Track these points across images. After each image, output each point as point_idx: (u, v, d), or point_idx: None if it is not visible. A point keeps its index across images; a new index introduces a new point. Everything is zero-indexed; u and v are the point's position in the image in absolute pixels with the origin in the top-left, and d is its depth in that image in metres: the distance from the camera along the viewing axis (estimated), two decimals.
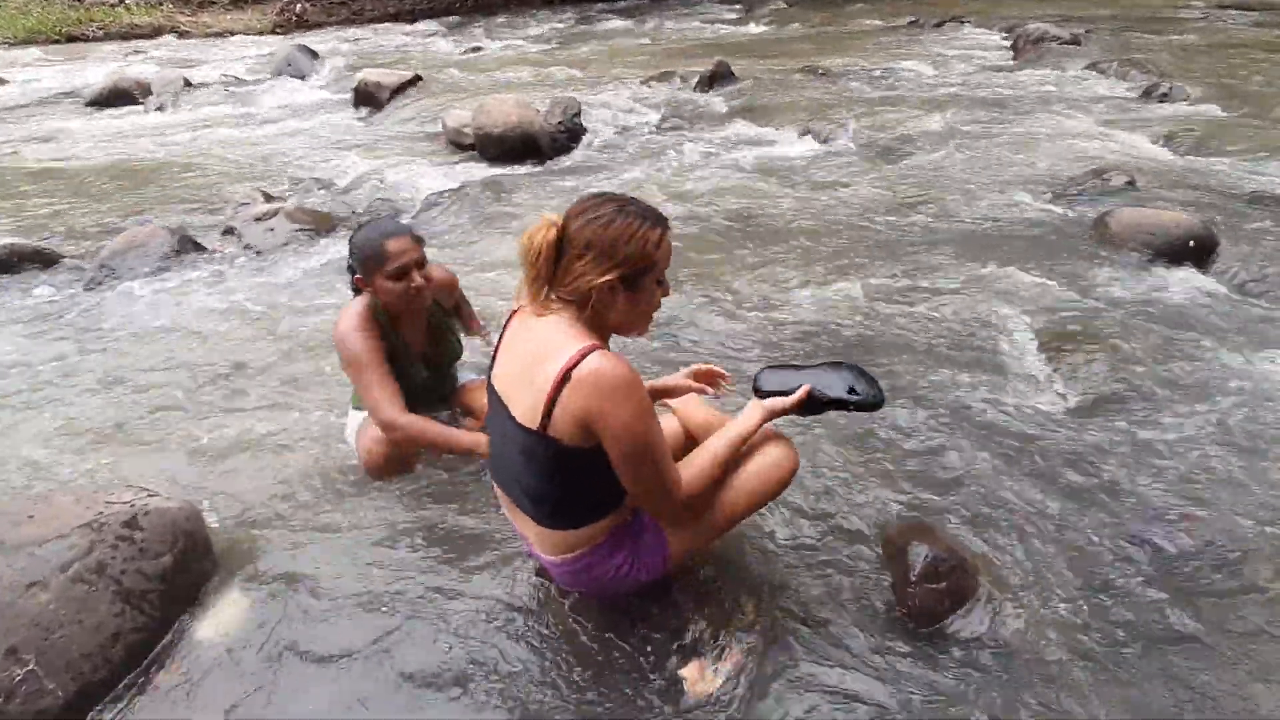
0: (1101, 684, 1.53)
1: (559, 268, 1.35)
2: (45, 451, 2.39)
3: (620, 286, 1.35)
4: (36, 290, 3.50)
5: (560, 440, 1.34)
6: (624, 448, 1.33)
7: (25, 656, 1.41)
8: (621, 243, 1.32)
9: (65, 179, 5.19)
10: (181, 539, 1.76)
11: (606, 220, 1.33)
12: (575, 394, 1.29)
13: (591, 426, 1.31)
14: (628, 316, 1.40)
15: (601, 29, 11.81)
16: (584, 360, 1.29)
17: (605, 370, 1.29)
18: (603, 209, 1.34)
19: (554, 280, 1.36)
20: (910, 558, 1.72)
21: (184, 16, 13.26)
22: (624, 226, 1.33)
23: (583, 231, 1.33)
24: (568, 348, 1.32)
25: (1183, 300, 3.05)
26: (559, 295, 1.37)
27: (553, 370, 1.31)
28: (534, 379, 1.34)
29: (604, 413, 1.29)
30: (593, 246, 1.32)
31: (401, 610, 1.72)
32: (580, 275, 1.33)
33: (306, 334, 3.01)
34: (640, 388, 1.33)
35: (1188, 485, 2.05)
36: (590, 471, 1.39)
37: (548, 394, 1.31)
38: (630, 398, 1.30)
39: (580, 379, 1.29)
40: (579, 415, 1.30)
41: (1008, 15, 10.01)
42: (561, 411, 1.31)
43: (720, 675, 1.54)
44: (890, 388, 2.50)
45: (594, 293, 1.33)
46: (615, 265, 1.33)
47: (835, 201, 4.22)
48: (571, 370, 1.29)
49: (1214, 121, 5.24)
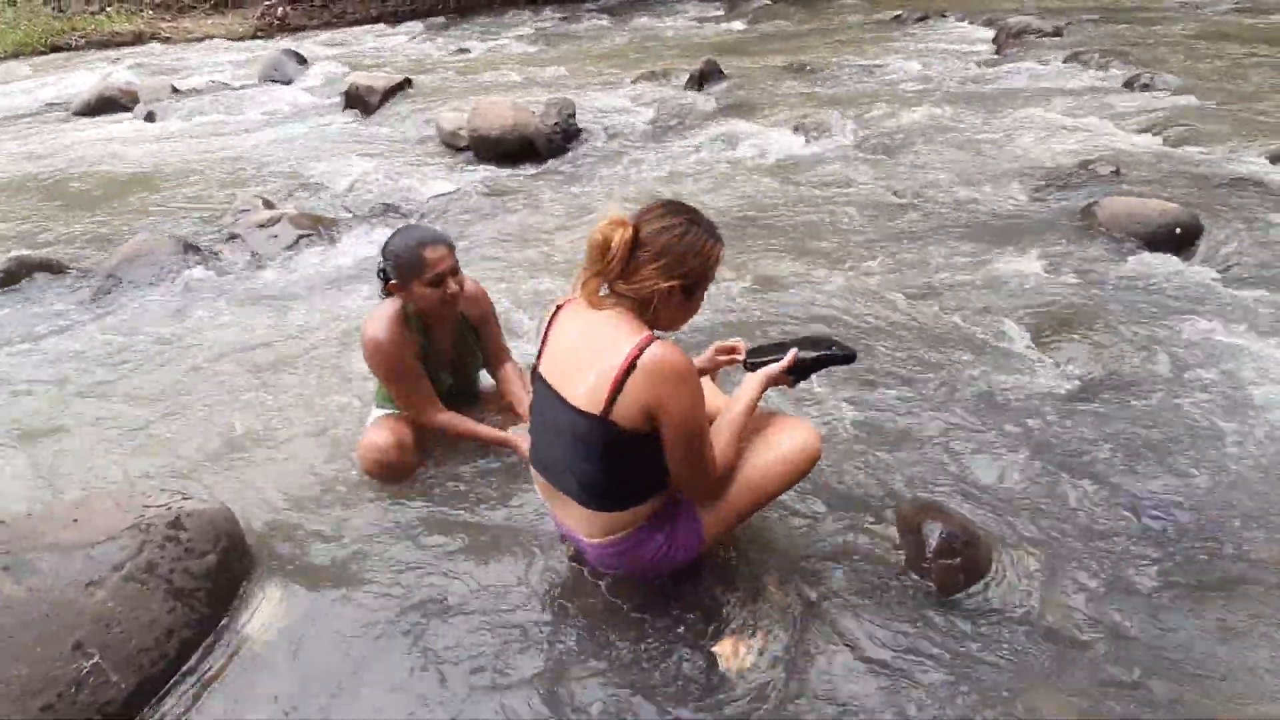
0: (1112, 653, 1.62)
1: (628, 266, 1.43)
2: (68, 457, 2.43)
3: (679, 292, 1.46)
4: (46, 301, 3.52)
5: (620, 424, 1.42)
6: (681, 431, 1.43)
7: (90, 650, 1.47)
8: (690, 255, 1.44)
9: (61, 190, 5.18)
10: (224, 538, 1.82)
11: (681, 232, 1.44)
12: (641, 381, 1.39)
13: (653, 412, 1.41)
14: (675, 317, 1.52)
15: (586, 28, 11.84)
16: (648, 349, 1.39)
17: (670, 359, 1.39)
18: (677, 219, 1.45)
19: (620, 277, 1.45)
20: (924, 534, 1.81)
21: (165, 23, 13.15)
22: (695, 239, 1.45)
23: (658, 238, 1.43)
24: (629, 338, 1.42)
25: (1170, 286, 3.16)
26: (619, 291, 1.46)
27: (617, 358, 1.40)
28: (595, 366, 1.43)
29: (666, 399, 1.39)
30: (666, 254, 1.43)
31: (438, 598, 1.79)
32: (648, 278, 1.43)
33: (321, 335, 3.06)
34: (696, 375, 1.44)
35: (1187, 464, 2.15)
36: (642, 455, 1.48)
37: (613, 380, 1.40)
38: (690, 385, 1.41)
39: (646, 367, 1.38)
40: (644, 401, 1.40)
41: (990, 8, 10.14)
42: (626, 397, 1.40)
43: (753, 651, 1.62)
44: (890, 375, 2.60)
45: (656, 295, 1.43)
46: (681, 274, 1.44)
47: (827, 196, 4.31)
48: (637, 359, 1.38)
49: (1195, 110, 5.38)
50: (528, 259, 3.71)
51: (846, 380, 2.59)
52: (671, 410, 1.41)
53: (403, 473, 2.17)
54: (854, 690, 1.56)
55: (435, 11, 14.10)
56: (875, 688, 1.56)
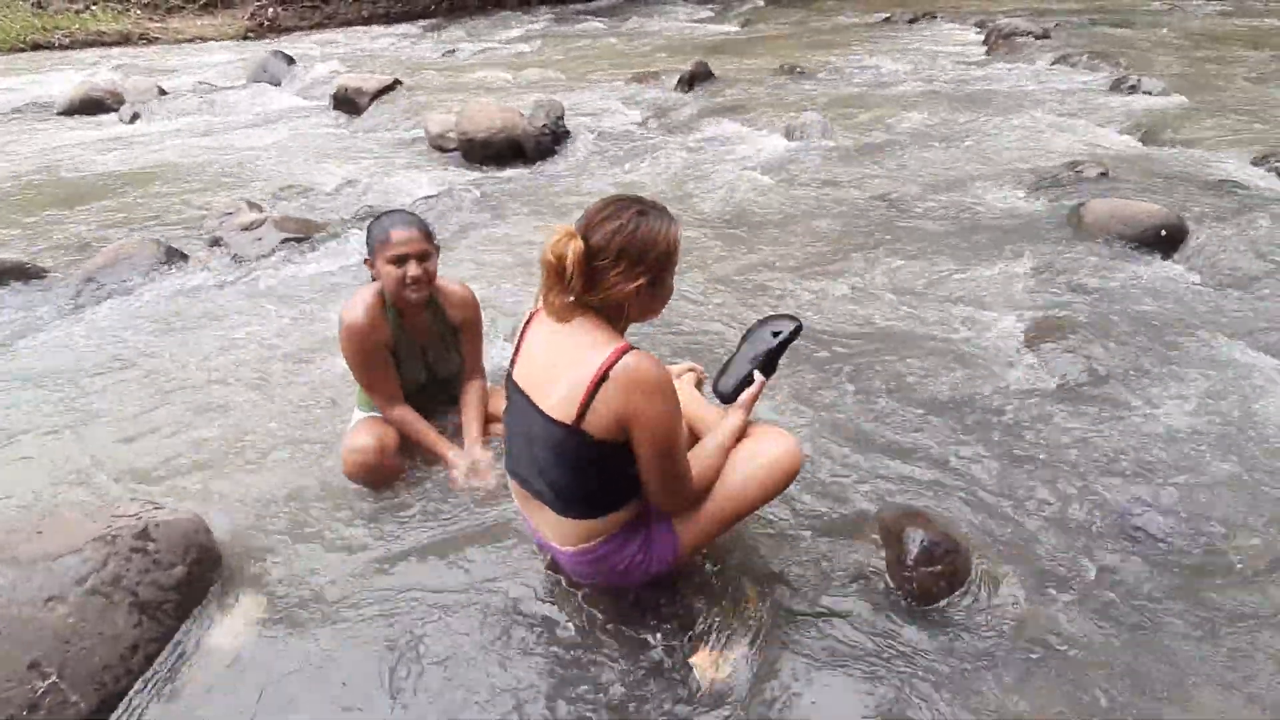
0: (1094, 661, 1.60)
1: (588, 278, 1.39)
2: (41, 467, 2.38)
3: (646, 287, 1.42)
4: (23, 305, 3.46)
5: (592, 434, 1.40)
6: (655, 442, 1.40)
7: (48, 670, 1.43)
8: (649, 247, 1.38)
9: (40, 191, 5.12)
10: (193, 549, 1.78)
11: (633, 228, 1.38)
12: (613, 392, 1.36)
13: (626, 422, 1.39)
14: (648, 308, 1.49)
15: (577, 30, 11.83)
16: (621, 360, 1.37)
17: (642, 369, 1.36)
18: (625, 215, 1.39)
19: (585, 290, 1.40)
20: (906, 542, 1.79)
21: (152, 23, 13.05)
22: (649, 231, 1.39)
23: (612, 241, 1.37)
24: (601, 348, 1.39)
25: (1156, 288, 3.15)
26: (586, 302, 1.42)
27: (589, 369, 1.38)
28: (567, 375, 1.41)
29: (639, 409, 1.37)
30: (624, 255, 1.37)
31: (412, 608, 1.76)
32: (614, 285, 1.38)
33: (302, 340, 3.02)
34: (672, 386, 1.42)
35: (1168, 467, 2.14)
36: (615, 464, 1.46)
37: (585, 390, 1.37)
38: (664, 395, 1.39)
39: (618, 378, 1.36)
40: (616, 411, 1.37)
41: (979, 10, 10.20)
42: (598, 408, 1.38)
43: (729, 663, 1.59)
44: (873, 379, 2.59)
45: (625, 298, 1.40)
46: (646, 269, 1.40)
47: (816, 198, 4.29)
48: (609, 370, 1.36)
49: (1182, 112, 5.39)
50: (513, 261, 3.68)
51: (828, 384, 2.57)
52: (644, 421, 1.38)
53: (385, 476, 2.14)
54: (834, 702, 1.54)
55: (426, 13, 14.07)
56: (856, 698, 1.54)
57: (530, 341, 1.55)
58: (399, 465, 2.17)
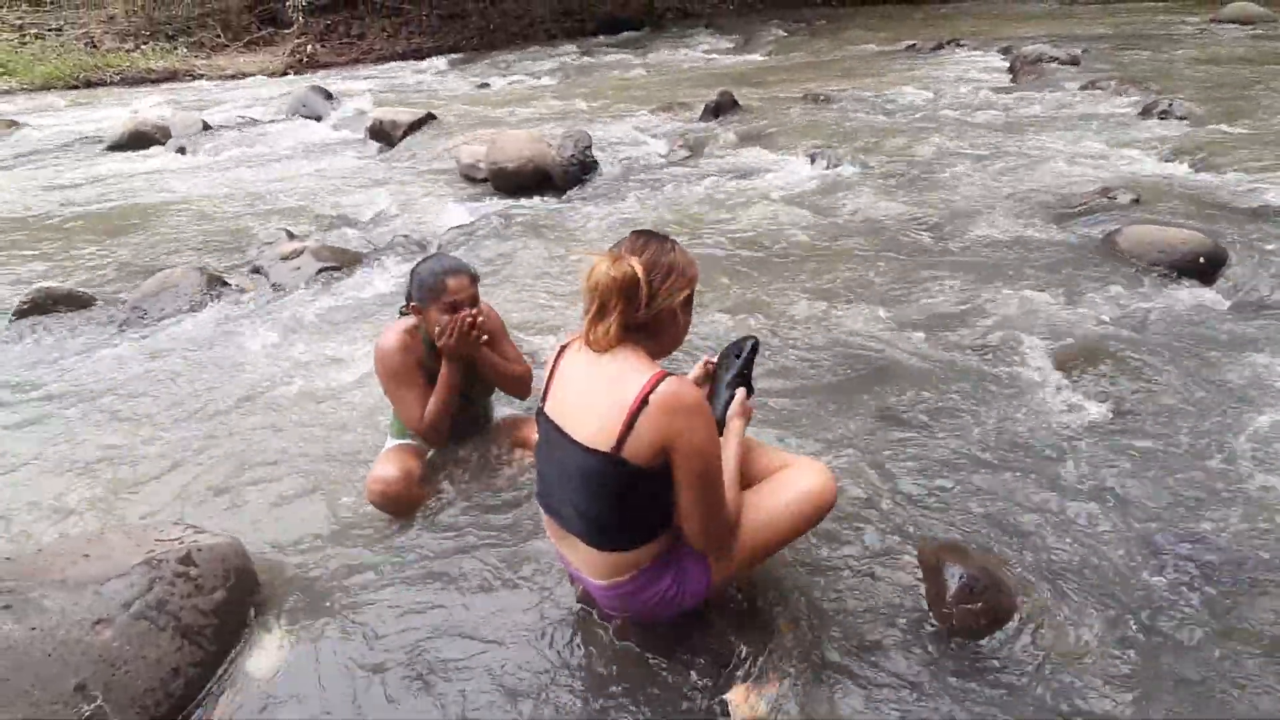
0: (1140, 704, 1.55)
1: (644, 298, 1.44)
2: (87, 490, 2.45)
3: (684, 304, 1.51)
4: (71, 332, 3.59)
5: (631, 461, 1.41)
6: (696, 467, 1.42)
7: (94, 693, 1.46)
8: (686, 264, 1.51)
9: (90, 222, 5.33)
10: (233, 574, 1.81)
11: (670, 247, 1.50)
12: (655, 416, 1.39)
13: (667, 447, 1.40)
14: (679, 333, 1.55)
15: (604, 62, 12.07)
16: (661, 384, 1.40)
17: (683, 394, 1.40)
18: (658, 240, 1.51)
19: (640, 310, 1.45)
20: (945, 578, 1.75)
21: (198, 60, 13.64)
22: (680, 251, 1.51)
23: (662, 259, 1.47)
24: (640, 374, 1.43)
25: (1195, 316, 3.09)
26: (636, 323, 1.46)
27: (629, 394, 1.40)
28: (605, 404, 1.43)
29: (681, 433, 1.39)
30: (673, 270, 1.47)
31: (443, 638, 1.77)
32: (666, 297, 1.46)
33: (339, 368, 3.08)
34: (710, 411, 1.45)
35: (1213, 501, 2.08)
36: (650, 494, 1.47)
37: (626, 416, 1.39)
38: (704, 419, 1.42)
39: (658, 402, 1.39)
40: (657, 436, 1.39)
41: (1003, 37, 10.21)
42: (639, 433, 1.40)
43: (765, 700, 1.57)
44: (909, 410, 2.56)
45: (675, 311, 1.48)
46: (688, 284, 1.50)
47: (844, 226, 4.30)
48: (649, 394, 1.39)
49: (1214, 137, 5.32)
50: (543, 289, 3.73)
51: (861, 414, 2.55)
52: (685, 445, 1.40)
53: (408, 505, 2.16)
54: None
55: (458, 48, 14.50)
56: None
57: (563, 374, 1.57)
58: (422, 495, 2.19)
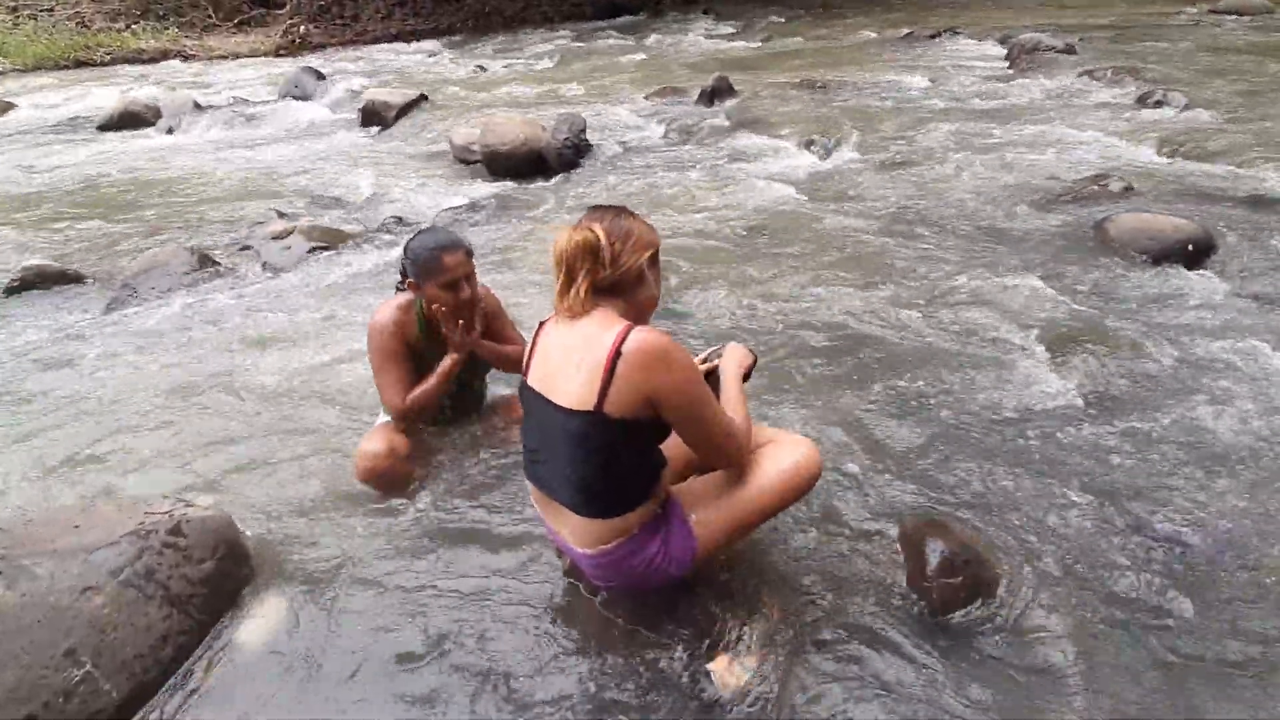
0: (1117, 679, 1.57)
1: (608, 259, 1.51)
2: (76, 464, 2.45)
3: (650, 263, 1.58)
4: (62, 310, 3.58)
5: (616, 416, 1.44)
6: (683, 405, 1.47)
7: (82, 658, 1.47)
8: (643, 228, 1.59)
9: (81, 201, 5.29)
10: (223, 546, 1.83)
11: (626, 214, 1.59)
12: (630, 367, 1.42)
13: (650, 395, 1.44)
14: (652, 293, 1.61)
15: (599, 46, 11.98)
16: (630, 335, 1.44)
17: (652, 339, 1.44)
18: (611, 210, 1.59)
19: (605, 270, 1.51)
20: (926, 552, 1.78)
21: (189, 40, 13.48)
22: (639, 220, 1.60)
23: (618, 225, 1.55)
24: (610, 330, 1.46)
25: (1183, 303, 3.11)
26: (605, 285, 1.52)
27: (602, 352, 1.43)
28: (581, 365, 1.46)
29: (659, 378, 1.43)
30: (630, 234, 1.55)
31: (432, 611, 1.79)
32: (630, 256, 1.53)
33: (328, 348, 3.08)
34: (683, 350, 1.49)
35: (1195, 482, 2.11)
36: (638, 447, 1.52)
37: (603, 372, 1.43)
38: (679, 359, 1.46)
39: (631, 352, 1.42)
40: (638, 385, 1.43)
41: (1001, 25, 10.17)
42: (618, 386, 1.43)
43: (747, 669, 1.59)
44: (897, 390, 2.58)
45: (641, 270, 1.55)
46: (648, 244, 1.58)
47: (840, 212, 4.30)
48: (621, 346, 1.42)
49: (1208, 126, 5.34)
50: (534, 271, 3.73)
51: (849, 394, 2.57)
52: (668, 388, 1.44)
53: (395, 480, 2.17)
54: (850, 710, 1.53)
55: (453, 30, 14.37)
56: (872, 708, 1.53)
57: (542, 347, 1.61)
58: (409, 470, 2.19)
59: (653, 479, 1.56)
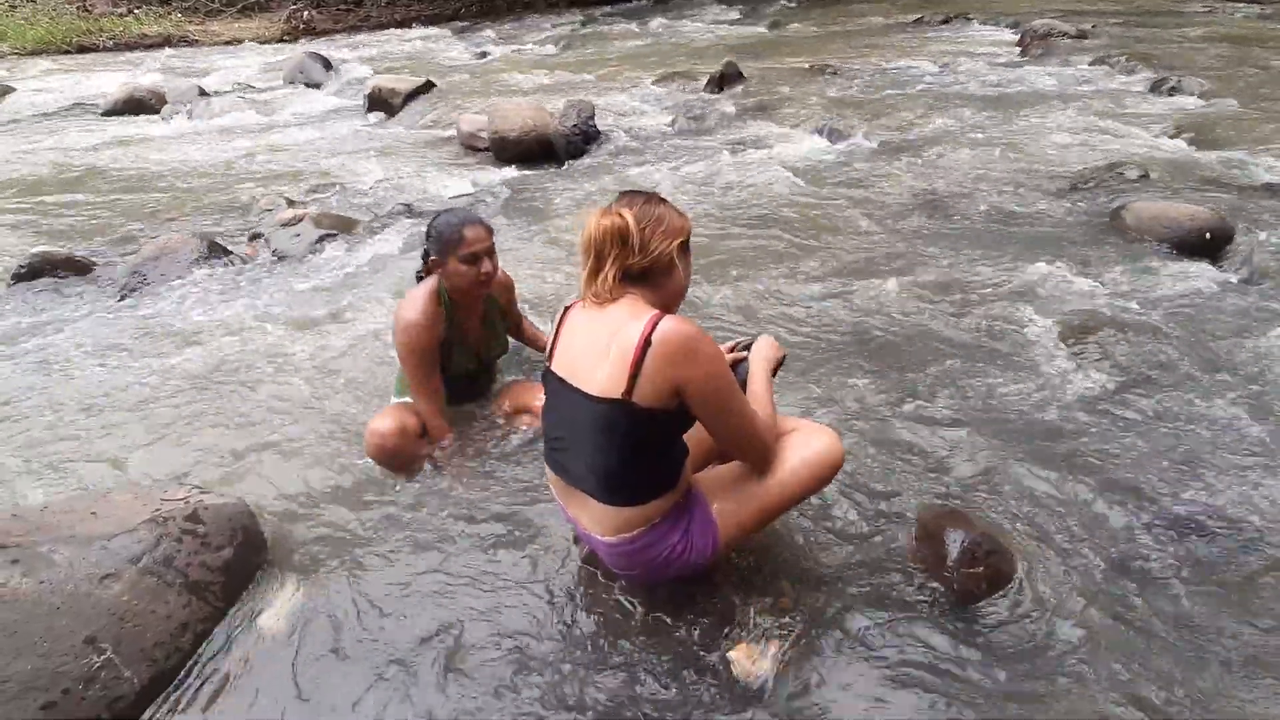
0: (1138, 667, 1.57)
1: (637, 245, 1.49)
2: (90, 452, 2.45)
3: (681, 251, 1.55)
4: (71, 297, 3.57)
5: (644, 405, 1.43)
6: (710, 397, 1.46)
7: (103, 645, 1.47)
8: (674, 214, 1.56)
9: (88, 187, 5.27)
10: (240, 533, 1.82)
11: (657, 200, 1.56)
12: (659, 356, 1.41)
13: (678, 385, 1.43)
14: (681, 282, 1.58)
15: (607, 31, 11.87)
16: (660, 325, 1.42)
17: (682, 329, 1.42)
18: (641, 195, 1.57)
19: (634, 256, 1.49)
20: (947, 542, 1.77)
21: (193, 25, 13.38)
22: (669, 206, 1.57)
23: (650, 211, 1.52)
24: (639, 319, 1.44)
25: (1200, 291, 3.08)
26: (634, 271, 1.50)
27: (631, 340, 1.42)
28: (610, 353, 1.45)
29: (689, 368, 1.42)
30: (662, 220, 1.53)
31: (449, 596, 1.78)
32: (661, 242, 1.51)
33: (338, 332, 3.07)
34: (711, 341, 1.47)
35: (1215, 468, 2.09)
36: (663, 440, 1.51)
37: (632, 361, 1.41)
38: (708, 349, 1.44)
39: (661, 341, 1.41)
40: (667, 375, 1.41)
41: (1013, 11, 10.05)
42: (647, 375, 1.41)
43: (767, 657, 1.59)
44: (914, 379, 2.56)
45: (671, 258, 1.52)
46: (679, 231, 1.55)
47: (851, 198, 4.26)
48: (651, 335, 1.41)
49: (1223, 114, 5.27)
50: (544, 258, 3.71)
51: (867, 384, 2.55)
52: (696, 379, 1.42)
53: (404, 459, 2.19)
54: (870, 699, 1.52)
55: (458, 15, 14.25)
56: (892, 697, 1.53)
57: (567, 332, 1.59)
58: (419, 449, 2.22)
59: (676, 468, 1.55)
